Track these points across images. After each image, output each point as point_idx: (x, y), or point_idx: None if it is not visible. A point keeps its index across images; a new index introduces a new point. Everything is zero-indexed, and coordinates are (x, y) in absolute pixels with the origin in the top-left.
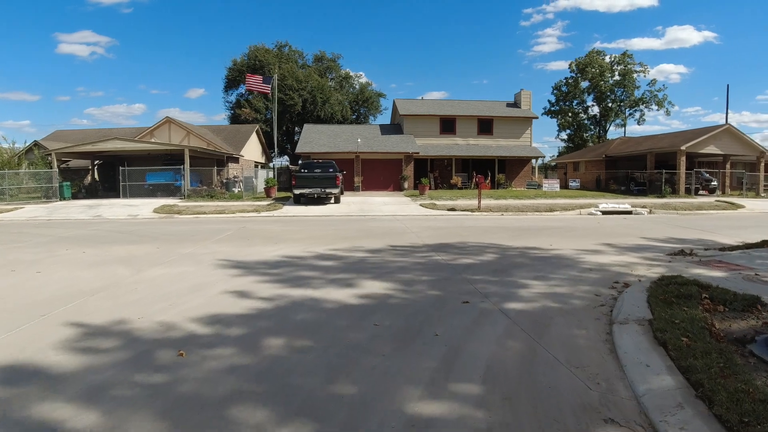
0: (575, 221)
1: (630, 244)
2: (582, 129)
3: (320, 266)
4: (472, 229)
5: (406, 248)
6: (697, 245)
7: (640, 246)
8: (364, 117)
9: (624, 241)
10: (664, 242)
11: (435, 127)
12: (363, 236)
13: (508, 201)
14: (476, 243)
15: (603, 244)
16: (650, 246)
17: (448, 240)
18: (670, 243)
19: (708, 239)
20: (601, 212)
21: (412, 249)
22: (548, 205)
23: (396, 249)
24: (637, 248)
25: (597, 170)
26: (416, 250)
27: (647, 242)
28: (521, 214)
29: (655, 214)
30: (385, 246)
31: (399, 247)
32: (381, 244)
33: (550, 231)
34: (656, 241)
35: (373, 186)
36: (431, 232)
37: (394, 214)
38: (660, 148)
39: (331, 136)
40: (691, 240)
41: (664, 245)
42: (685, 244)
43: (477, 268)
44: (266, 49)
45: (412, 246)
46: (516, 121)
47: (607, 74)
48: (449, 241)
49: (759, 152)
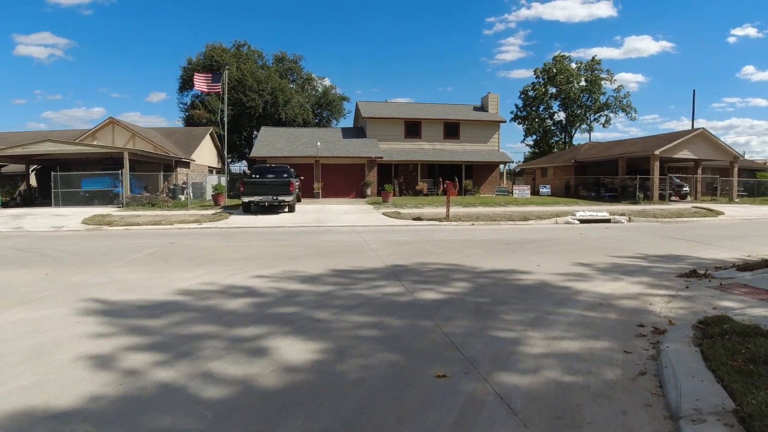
0: (555, 232)
1: (628, 264)
2: (548, 134)
3: (228, 311)
4: (441, 243)
5: (360, 273)
6: (699, 261)
7: (640, 266)
8: (327, 121)
9: (619, 259)
10: (664, 259)
11: (399, 130)
12: (310, 255)
13: (478, 209)
14: (447, 264)
15: (594, 264)
16: (651, 266)
17: (413, 259)
18: (670, 260)
19: (706, 253)
20: (579, 221)
21: (368, 275)
22: (521, 213)
23: (346, 275)
24: (638, 269)
25: (566, 176)
26: (372, 277)
27: (645, 260)
28: (494, 224)
29: (634, 222)
30: (334, 270)
31: (351, 271)
32: (329, 267)
33: (532, 245)
34: (655, 259)
35: (334, 192)
36: (394, 249)
37: (353, 225)
38: (632, 152)
39: (289, 140)
40: (689, 255)
41: (666, 264)
42: (685, 260)
43: (452, 307)
44: (223, 48)
45: (368, 270)
46: (483, 124)
47: (574, 80)
48: (415, 260)
49: (732, 157)
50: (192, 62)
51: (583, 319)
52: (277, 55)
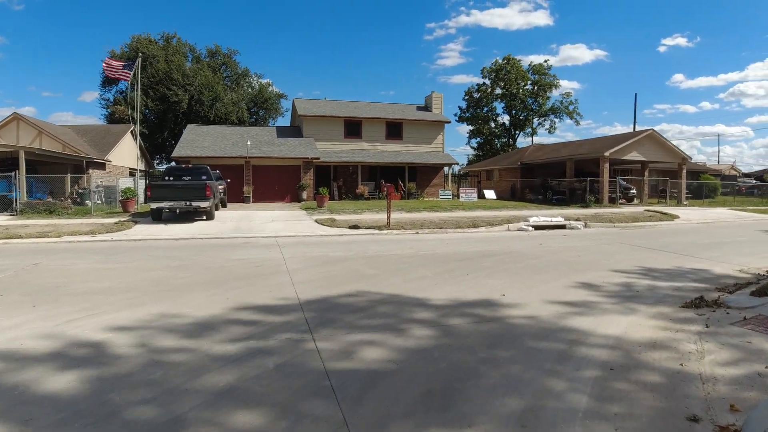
0: (511, 242)
1: (612, 286)
2: (493, 137)
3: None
4: (379, 260)
5: (262, 315)
6: (692, 278)
7: (630, 289)
8: (264, 120)
9: (599, 278)
10: (649, 276)
11: (339, 130)
12: (201, 283)
13: (422, 214)
14: (385, 295)
15: (577, 287)
16: (641, 289)
17: (339, 287)
18: (657, 278)
19: (692, 266)
20: (533, 227)
21: (272, 318)
22: (470, 218)
23: (238, 322)
24: (629, 294)
25: (512, 178)
26: (276, 324)
27: (629, 278)
28: (441, 232)
29: (592, 228)
30: (228, 309)
31: (248, 312)
32: (222, 306)
33: (489, 261)
34: (638, 275)
35: (267, 197)
36: (317, 271)
37: (278, 236)
38: (581, 154)
39: (218, 139)
40: (674, 270)
41: (656, 283)
42: (675, 277)
43: (386, 391)
44: (150, 39)
45: (275, 308)
46: (427, 125)
47: (521, 82)
48: (341, 289)
49: (681, 158)
50: (116, 54)
51: (603, 405)
52: (211, 49)
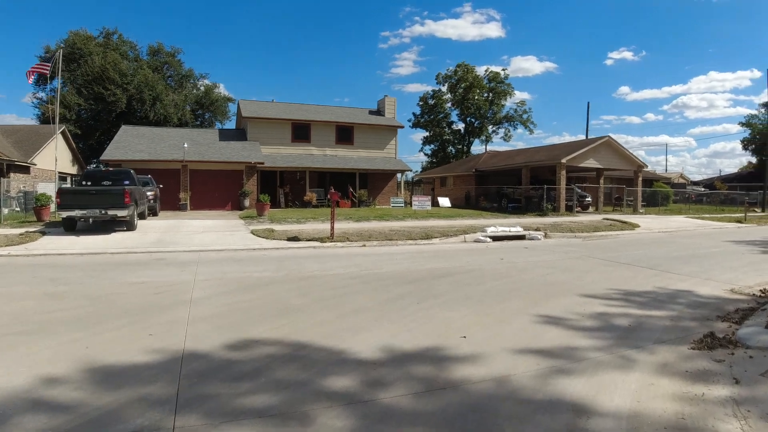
0: (469, 256)
1: (595, 320)
2: (447, 144)
3: None
4: (312, 283)
5: (110, 384)
6: (678, 301)
7: (614, 319)
8: (210, 123)
9: (576, 307)
10: (634, 303)
11: (286, 133)
12: (71, 321)
13: (371, 224)
14: (304, 343)
15: (553, 322)
16: (632, 321)
17: (249, 329)
18: (645, 305)
19: (677, 286)
20: (491, 238)
21: (121, 394)
22: (423, 229)
23: (52, 406)
24: (620, 331)
25: (466, 186)
26: (121, 404)
27: (612, 306)
28: (391, 244)
29: (552, 238)
30: (68, 371)
31: (94, 377)
32: (65, 365)
33: (444, 283)
34: (621, 302)
35: (207, 204)
36: (230, 300)
37: (204, 250)
38: (537, 161)
39: (153, 141)
40: (659, 291)
41: (647, 315)
42: (663, 303)
43: None
44: (88, 35)
45: (138, 370)
46: (380, 129)
47: (477, 89)
48: (249, 333)
49: (637, 166)
50: (50, 51)
51: None
52: (153, 46)
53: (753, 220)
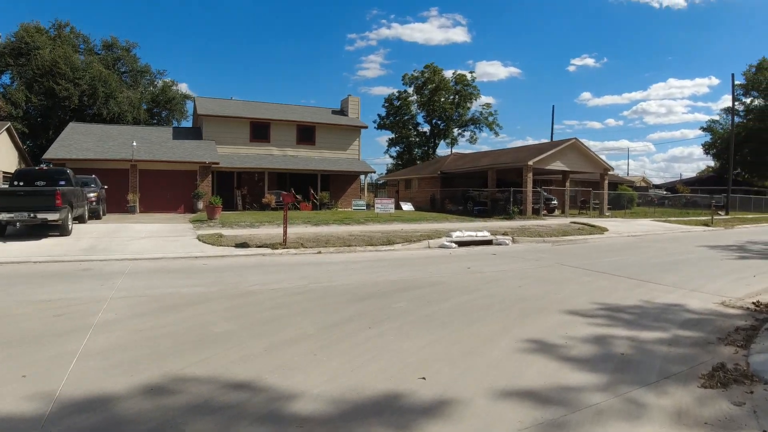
0: (433, 265)
1: (583, 346)
2: (413, 145)
3: None
4: (248, 301)
5: None
6: (670, 319)
7: (605, 345)
8: (167, 122)
9: (559, 329)
10: (622, 322)
11: (244, 133)
12: None
13: (330, 228)
14: (216, 389)
15: (535, 351)
16: (624, 348)
17: (153, 367)
18: (635, 324)
19: (662, 299)
20: (457, 243)
21: None
22: (384, 233)
23: None
24: (614, 363)
25: (431, 188)
26: None
27: (599, 327)
28: (349, 251)
29: (520, 243)
30: None
31: None
32: None
33: (404, 299)
34: (607, 320)
35: (158, 206)
36: (143, 325)
37: (138, 258)
38: (503, 163)
39: (102, 139)
40: (646, 306)
41: (640, 337)
42: (651, 319)
43: None
44: (39, 27)
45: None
46: (343, 130)
47: (442, 91)
48: (151, 374)
49: (603, 169)
50: None
51: None
52: (107, 41)
53: (719, 223)
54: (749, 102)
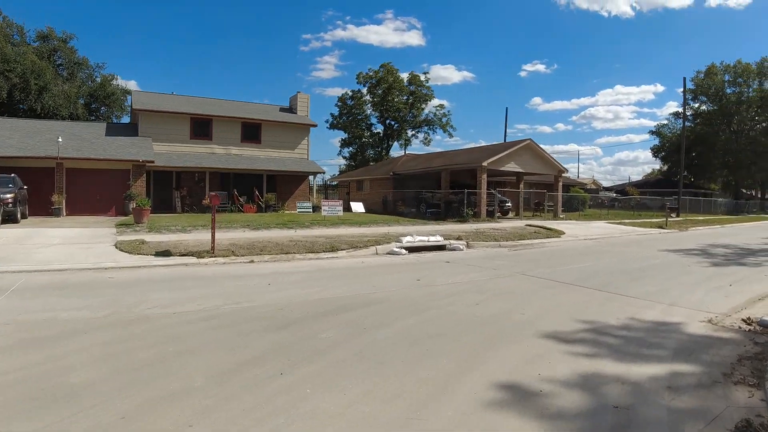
0: (380, 277)
1: (567, 390)
2: (366, 146)
3: None
4: (138, 330)
5: None
6: (658, 344)
7: (592, 386)
8: (106, 118)
9: (534, 363)
10: (605, 347)
11: (184, 129)
12: None
13: (271, 232)
14: None
15: (508, 406)
16: (615, 389)
17: None
18: (620, 352)
19: (643, 315)
20: (407, 249)
21: None
22: (329, 238)
23: None
24: (606, 409)
25: (384, 190)
26: None
27: (580, 358)
28: (285, 259)
29: (475, 249)
30: None
31: None
32: None
33: (336, 326)
34: (587, 346)
35: (87, 208)
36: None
37: (37, 270)
38: (457, 164)
39: (27, 134)
40: (629, 326)
41: (631, 373)
42: (637, 345)
43: None
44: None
45: None
46: (291, 128)
47: (395, 91)
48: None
49: (557, 170)
50: None
51: None
52: (42, 31)
53: (673, 225)
54: (697, 107)
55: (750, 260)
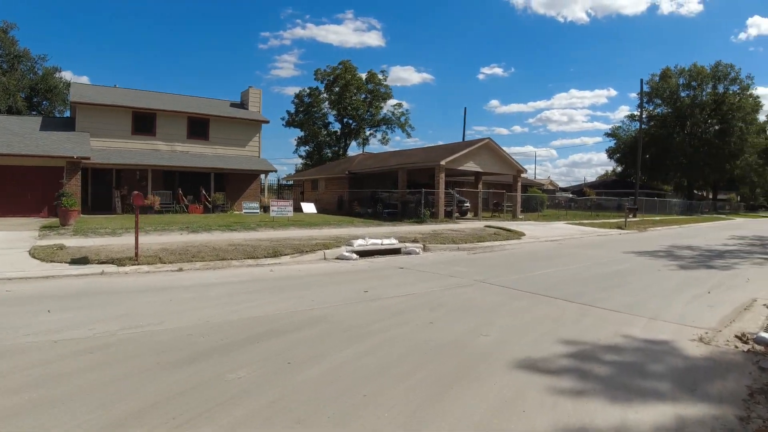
0: (321, 288)
1: None
2: (323, 145)
3: None
4: (3, 365)
5: None
6: (641, 364)
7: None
8: (48, 112)
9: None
10: (592, 378)
11: (125, 124)
12: None
13: (212, 235)
14: None
15: None
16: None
17: None
18: (612, 386)
19: (628, 331)
20: (358, 254)
21: None
22: (274, 242)
23: None
24: None
25: (339, 189)
26: None
27: (566, 399)
28: (220, 267)
29: (432, 251)
30: None
31: None
32: None
33: (253, 359)
34: (578, 386)
35: (15, 209)
36: None
37: None
38: (414, 163)
39: None
40: (610, 348)
41: (626, 423)
42: (618, 365)
43: None
44: None
45: None
46: (241, 124)
47: (353, 88)
48: None
49: (516, 170)
50: None
51: None
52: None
53: (632, 226)
54: (652, 109)
55: (718, 263)
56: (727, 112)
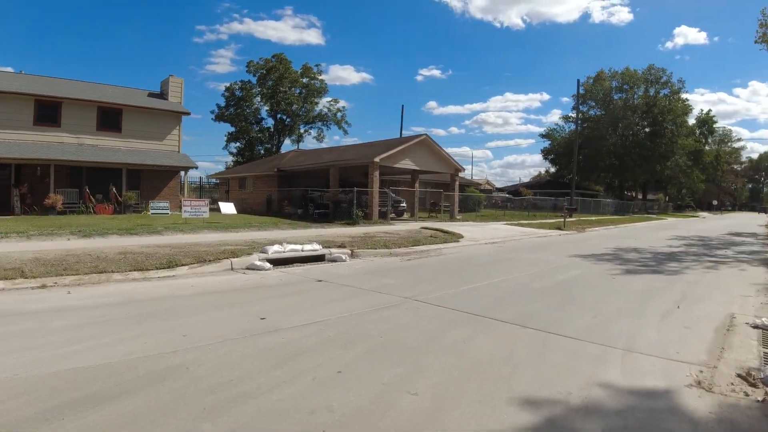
0: (204, 315)
1: None
2: (256, 142)
3: None
4: None
5: None
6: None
7: None
8: None
9: None
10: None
11: (27, 114)
12: None
13: (106, 240)
14: None
15: None
16: None
17: None
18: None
19: (597, 377)
20: (272, 262)
21: None
22: (175, 249)
23: None
24: None
25: (268, 188)
26: None
27: None
28: (96, 281)
29: (361, 258)
30: None
31: None
32: None
33: None
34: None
35: None
36: None
37: None
38: (347, 160)
39: None
40: (583, 412)
41: None
42: None
43: None
44: None
45: None
46: (159, 115)
47: (286, 81)
48: None
49: (454, 169)
50: None
51: None
52: None
53: (570, 226)
54: (586, 111)
55: (671, 267)
56: (658, 114)
